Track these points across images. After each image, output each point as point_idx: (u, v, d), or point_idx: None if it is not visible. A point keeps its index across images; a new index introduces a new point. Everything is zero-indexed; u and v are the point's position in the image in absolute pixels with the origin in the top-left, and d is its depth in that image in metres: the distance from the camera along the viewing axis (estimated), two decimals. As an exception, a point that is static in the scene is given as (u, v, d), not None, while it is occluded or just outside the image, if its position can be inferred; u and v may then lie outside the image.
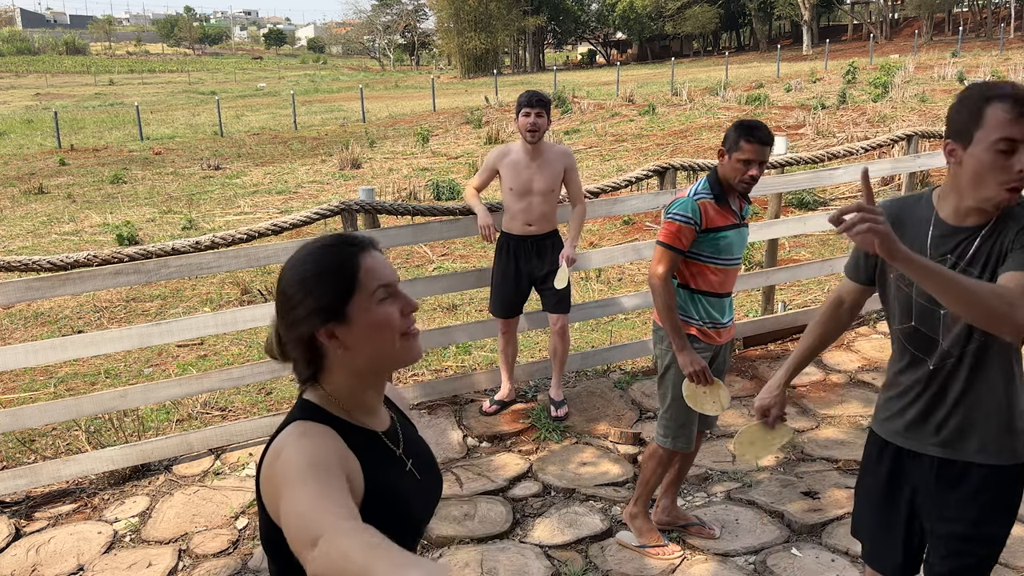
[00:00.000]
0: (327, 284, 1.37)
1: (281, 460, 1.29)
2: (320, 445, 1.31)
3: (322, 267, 1.39)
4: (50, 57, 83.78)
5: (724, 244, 3.17)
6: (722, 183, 3.16)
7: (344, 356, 1.39)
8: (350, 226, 4.40)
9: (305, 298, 1.38)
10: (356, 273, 1.38)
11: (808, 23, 54.30)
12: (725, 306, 3.26)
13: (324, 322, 1.37)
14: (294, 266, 1.42)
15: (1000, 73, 21.22)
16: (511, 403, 4.70)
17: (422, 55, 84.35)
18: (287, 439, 1.33)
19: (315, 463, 1.26)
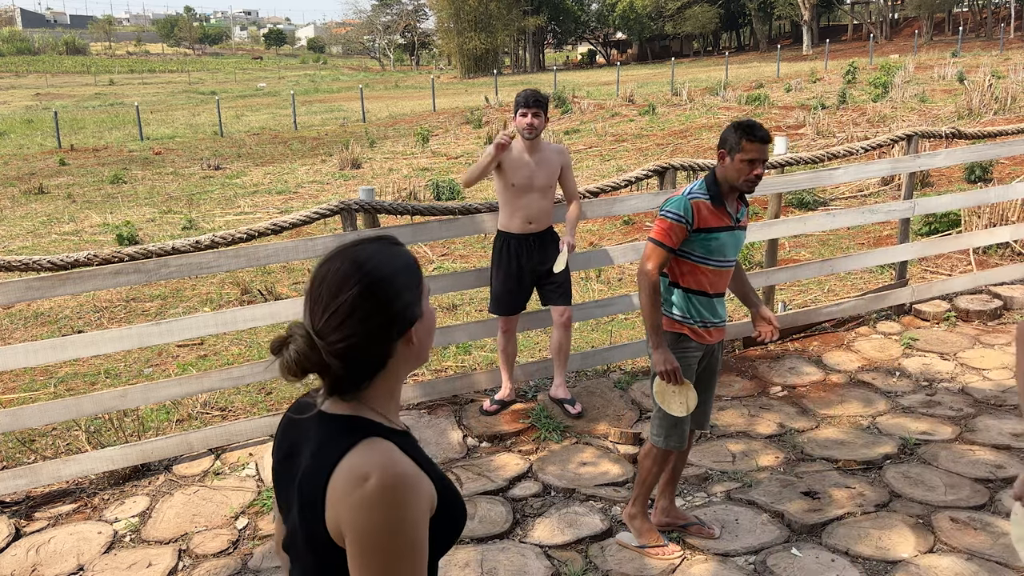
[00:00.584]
0: (415, 278, 1.38)
1: (373, 506, 1.25)
2: (416, 501, 1.28)
3: (408, 260, 1.38)
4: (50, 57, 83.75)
5: (716, 245, 3.16)
6: (720, 184, 3.15)
7: (408, 355, 1.39)
8: (350, 226, 4.40)
9: (406, 291, 1.36)
10: (422, 276, 1.40)
11: (808, 23, 54.29)
12: (716, 306, 3.26)
13: (414, 318, 1.37)
14: (382, 261, 1.36)
15: (1000, 73, 21.22)
16: (511, 403, 4.70)
17: (422, 55, 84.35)
18: (374, 462, 1.28)
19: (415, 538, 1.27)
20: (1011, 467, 3.88)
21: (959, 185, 10.09)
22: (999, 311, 5.85)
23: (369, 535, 1.25)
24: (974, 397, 4.68)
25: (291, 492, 1.38)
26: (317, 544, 1.33)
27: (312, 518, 1.31)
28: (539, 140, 4.39)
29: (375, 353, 1.35)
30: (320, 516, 1.30)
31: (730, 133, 3.11)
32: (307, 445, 1.38)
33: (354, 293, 1.32)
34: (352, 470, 1.27)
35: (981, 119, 14.65)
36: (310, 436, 1.38)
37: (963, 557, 3.23)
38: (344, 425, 1.34)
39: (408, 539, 1.26)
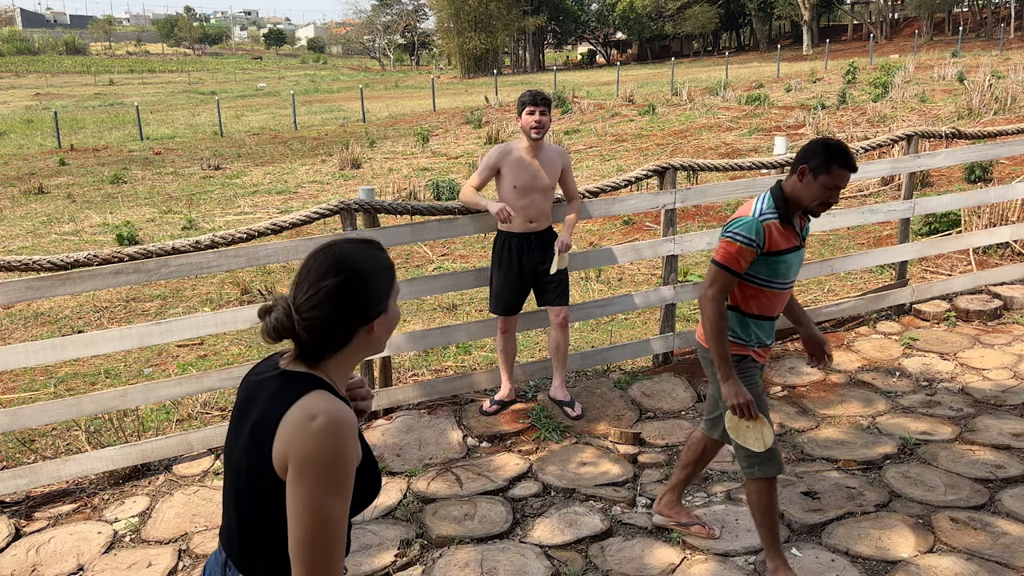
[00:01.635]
0: (388, 279, 1.62)
1: (318, 438, 1.48)
2: (346, 444, 1.51)
3: (386, 264, 1.63)
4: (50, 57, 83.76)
5: (783, 268, 2.97)
6: (789, 201, 2.93)
7: (367, 342, 1.62)
8: (350, 226, 4.40)
9: (378, 288, 1.60)
10: (394, 275, 1.64)
11: (808, 23, 54.29)
12: (772, 328, 3.10)
13: (380, 313, 1.60)
14: (363, 260, 1.60)
15: (1000, 73, 21.22)
16: (511, 403, 4.70)
17: (422, 55, 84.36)
18: (322, 407, 1.51)
19: (347, 475, 1.51)
20: (1011, 467, 3.88)
21: (959, 185, 10.09)
22: (999, 311, 5.85)
23: (310, 463, 1.48)
24: (974, 397, 4.68)
25: (240, 437, 1.61)
26: (259, 477, 1.55)
27: (260, 452, 1.54)
28: (542, 141, 4.39)
29: (340, 334, 1.58)
30: (268, 448, 1.52)
31: (819, 151, 2.85)
32: (264, 394, 1.59)
33: (335, 281, 1.55)
34: (304, 410, 1.51)
35: (981, 119, 14.65)
36: (267, 388, 1.60)
37: (963, 557, 3.23)
38: (300, 378, 1.57)
39: (340, 474, 1.50)
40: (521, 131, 4.39)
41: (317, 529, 1.50)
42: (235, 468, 1.62)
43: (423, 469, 4.11)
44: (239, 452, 1.61)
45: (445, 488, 3.92)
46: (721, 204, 9.92)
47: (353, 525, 3.47)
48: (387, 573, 3.32)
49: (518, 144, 4.41)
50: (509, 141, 4.50)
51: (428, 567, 3.34)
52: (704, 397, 4.84)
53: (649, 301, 5.28)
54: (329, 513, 1.50)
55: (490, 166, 4.44)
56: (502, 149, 4.44)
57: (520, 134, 4.43)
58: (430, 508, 3.74)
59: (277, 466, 1.53)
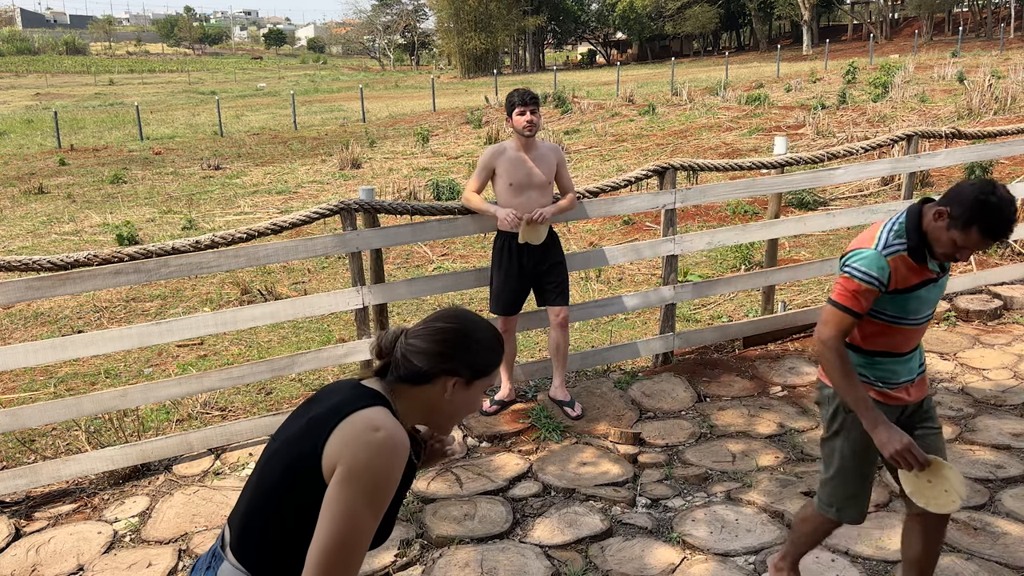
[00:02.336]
0: (487, 360, 1.74)
1: (374, 450, 1.55)
2: (398, 467, 1.58)
3: (494, 354, 1.77)
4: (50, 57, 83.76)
5: (914, 304, 2.54)
6: (925, 236, 2.50)
7: (440, 399, 1.71)
8: (350, 226, 4.40)
9: (476, 356, 1.73)
10: (494, 371, 1.78)
11: (808, 23, 54.28)
12: (911, 361, 2.67)
13: (458, 375, 1.70)
14: (482, 329, 1.76)
15: (1000, 73, 21.22)
16: (511, 403, 4.70)
17: (422, 55, 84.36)
18: (387, 424, 1.58)
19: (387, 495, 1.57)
20: (1011, 467, 3.88)
21: (959, 185, 10.07)
22: (999, 311, 5.85)
23: (360, 471, 1.53)
24: (974, 397, 4.68)
25: (292, 426, 1.69)
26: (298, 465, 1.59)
27: (311, 442, 1.59)
28: (534, 139, 4.40)
29: (427, 369, 1.69)
30: (321, 442, 1.58)
31: (967, 202, 2.38)
32: (334, 396, 1.68)
33: (447, 326, 1.72)
34: (369, 420, 1.59)
35: (981, 119, 14.65)
36: (338, 392, 1.69)
37: (963, 557, 3.23)
38: (373, 393, 1.68)
39: (383, 492, 1.55)
40: (513, 131, 4.41)
41: (346, 538, 1.53)
42: (274, 449, 1.67)
43: (423, 469, 4.11)
44: (285, 436, 1.67)
45: (445, 488, 3.92)
46: (721, 204, 9.93)
47: None
48: (387, 573, 3.32)
49: (511, 143, 4.42)
50: (503, 141, 4.50)
51: (428, 567, 3.34)
52: (704, 397, 4.85)
53: (649, 301, 5.28)
54: (361, 525, 1.54)
55: (485, 167, 4.46)
56: (495, 149, 4.44)
57: (514, 135, 4.44)
58: (430, 508, 3.74)
59: (325, 464, 1.57)
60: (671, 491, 3.85)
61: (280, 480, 1.61)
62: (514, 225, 4.35)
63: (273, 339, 6.50)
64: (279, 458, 1.64)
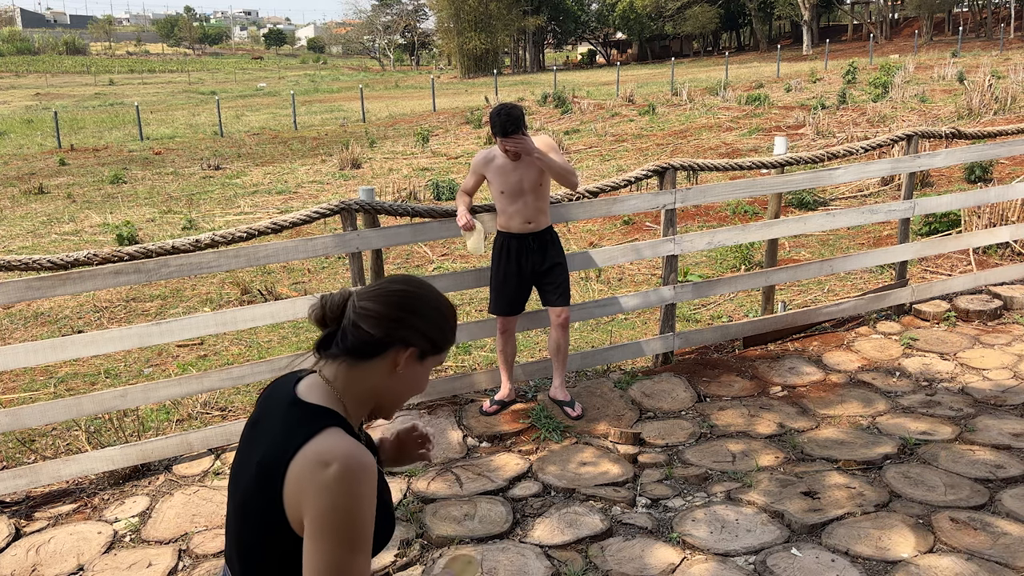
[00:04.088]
0: (442, 331, 1.58)
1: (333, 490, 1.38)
2: (366, 493, 1.41)
3: (449, 318, 1.61)
4: (50, 57, 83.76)
5: None
6: None
7: (389, 376, 1.55)
8: (350, 226, 4.40)
9: (430, 325, 1.56)
10: (448, 346, 1.62)
11: (808, 23, 54.27)
12: None
13: (413, 346, 1.54)
14: (438, 298, 1.60)
15: (1000, 73, 21.22)
16: (511, 403, 4.70)
17: (422, 55, 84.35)
18: (336, 451, 1.41)
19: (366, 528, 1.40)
20: (1011, 467, 3.88)
21: (959, 185, 10.09)
22: (999, 311, 5.85)
23: (327, 520, 1.37)
24: (974, 397, 4.68)
25: (247, 467, 1.51)
26: (267, 522, 1.44)
27: (268, 495, 1.43)
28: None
29: (379, 338, 1.51)
30: (278, 494, 1.42)
31: None
32: (275, 425, 1.49)
33: (403, 289, 1.56)
34: (317, 455, 1.40)
35: (981, 119, 14.65)
36: (279, 418, 1.50)
37: (963, 557, 3.23)
38: (313, 413, 1.47)
39: (359, 529, 1.39)
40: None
41: None
42: (240, 501, 1.51)
43: (423, 469, 4.11)
44: (245, 484, 1.50)
45: (445, 488, 3.92)
46: (721, 204, 9.93)
47: None
48: (387, 573, 3.32)
49: (500, 150, 4.36)
50: (492, 147, 4.42)
51: (428, 567, 3.34)
52: (704, 397, 4.85)
53: (649, 301, 5.28)
54: (349, 569, 1.39)
55: (475, 172, 4.47)
56: (484, 156, 4.40)
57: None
58: (430, 508, 3.74)
59: (290, 515, 1.42)
60: (671, 491, 3.85)
61: (255, 540, 1.49)
62: (467, 228, 4.42)
63: (273, 339, 6.50)
64: (246, 518, 1.50)
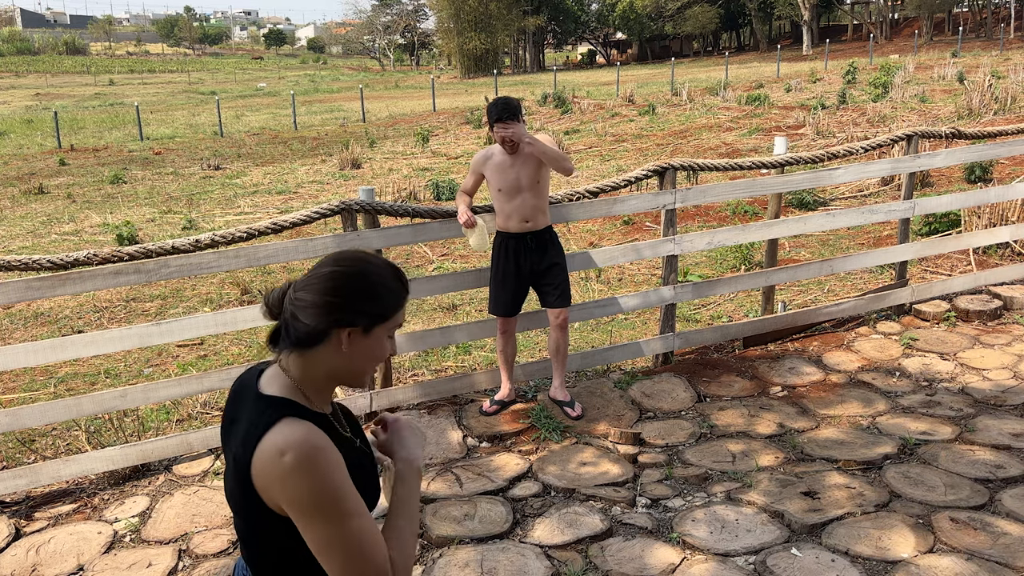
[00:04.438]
0: (378, 300, 1.55)
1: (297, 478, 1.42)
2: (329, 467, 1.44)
3: (384, 284, 1.57)
4: (50, 57, 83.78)
5: None
6: None
7: (337, 355, 1.54)
8: (350, 226, 4.41)
9: (353, 297, 1.53)
10: (397, 310, 1.59)
11: (808, 23, 54.27)
12: None
13: (351, 324, 1.53)
14: (360, 264, 1.57)
15: (1000, 73, 21.22)
16: (511, 403, 4.70)
17: (422, 55, 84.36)
18: (290, 440, 1.44)
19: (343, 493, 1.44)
20: (1011, 467, 3.88)
21: (959, 185, 10.09)
22: (999, 311, 5.85)
23: (300, 502, 1.43)
24: (974, 397, 4.68)
25: (227, 460, 1.58)
26: (249, 508, 1.51)
27: (245, 488, 1.49)
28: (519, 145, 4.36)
29: (317, 325, 1.52)
30: (251, 487, 1.48)
31: None
32: (243, 418, 1.55)
33: (331, 270, 1.54)
34: (273, 446, 1.45)
35: (981, 119, 14.65)
36: (245, 413, 1.55)
37: (963, 557, 3.23)
38: (271, 404, 1.52)
39: (336, 498, 1.43)
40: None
41: (350, 558, 1.44)
42: (229, 497, 1.58)
43: (423, 469, 4.11)
44: (229, 481, 1.56)
45: (445, 488, 3.92)
46: (721, 204, 9.93)
47: None
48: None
49: (499, 148, 4.37)
50: (490, 146, 4.46)
51: (428, 567, 3.34)
52: (704, 397, 4.85)
53: (649, 301, 5.28)
54: (350, 538, 1.44)
55: (473, 171, 4.50)
56: (482, 155, 4.44)
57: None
58: (430, 508, 3.74)
59: (269, 503, 1.48)
60: (671, 491, 3.85)
61: (248, 531, 1.56)
62: (467, 225, 4.42)
63: (273, 339, 6.49)
64: (237, 512, 1.56)
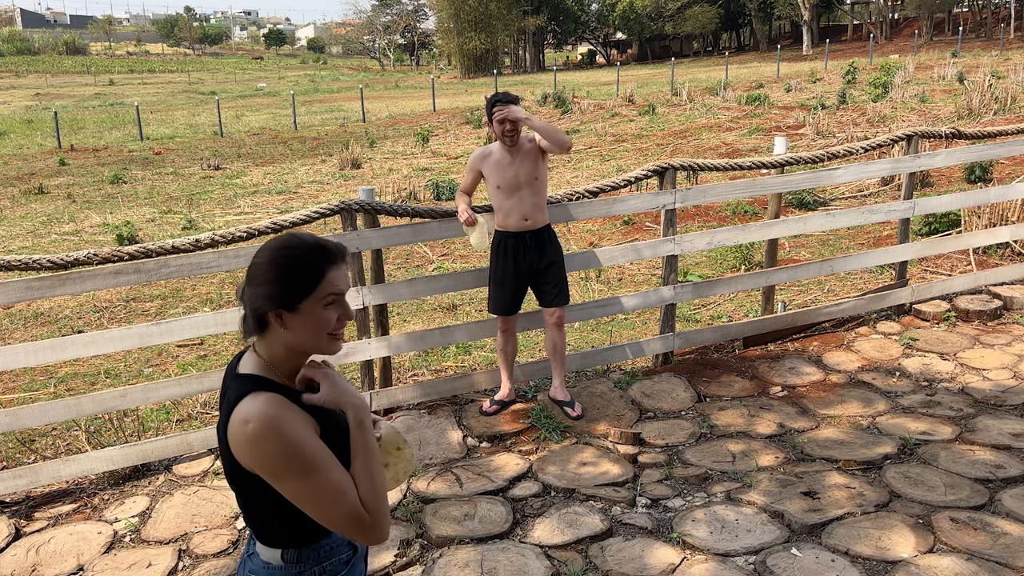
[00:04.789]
0: (292, 280, 1.65)
1: (260, 444, 1.57)
2: (295, 427, 1.59)
3: (294, 265, 1.66)
4: (50, 57, 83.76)
5: None
6: None
7: (284, 333, 1.68)
8: (350, 226, 4.41)
9: (269, 282, 1.65)
10: (319, 281, 1.66)
11: (808, 23, 54.27)
12: None
13: (276, 307, 1.65)
14: (272, 251, 1.67)
15: (1000, 73, 21.21)
16: (511, 403, 4.70)
17: (422, 55, 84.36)
18: (252, 409, 1.59)
19: (309, 451, 1.58)
20: (1011, 467, 3.88)
21: (959, 185, 10.09)
22: (999, 311, 5.85)
23: (267, 465, 1.58)
24: (974, 397, 4.68)
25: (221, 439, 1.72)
26: (234, 474, 1.67)
27: (228, 455, 1.66)
28: (518, 138, 4.37)
29: (256, 313, 1.67)
30: (230, 453, 1.64)
31: None
32: (226, 396, 1.71)
33: (255, 263, 1.68)
34: (238, 417, 1.60)
35: (981, 119, 14.65)
36: (228, 390, 1.72)
37: (963, 557, 3.23)
38: (244, 381, 1.67)
39: (297, 456, 1.57)
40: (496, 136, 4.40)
41: (328, 507, 1.59)
42: (225, 468, 1.73)
43: (423, 469, 4.11)
44: (223, 451, 1.70)
45: (445, 488, 3.92)
46: (721, 204, 9.93)
47: None
48: (387, 573, 3.32)
49: (497, 146, 4.41)
50: (489, 145, 4.49)
51: (428, 567, 3.34)
52: (704, 397, 4.85)
53: (649, 301, 5.28)
54: (319, 489, 1.58)
55: (471, 169, 4.51)
56: (481, 153, 4.47)
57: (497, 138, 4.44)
58: (430, 508, 3.74)
59: (247, 468, 1.63)
60: (671, 491, 3.85)
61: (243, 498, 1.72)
62: (468, 223, 4.41)
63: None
64: (233, 483, 1.71)
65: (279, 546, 1.74)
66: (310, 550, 1.75)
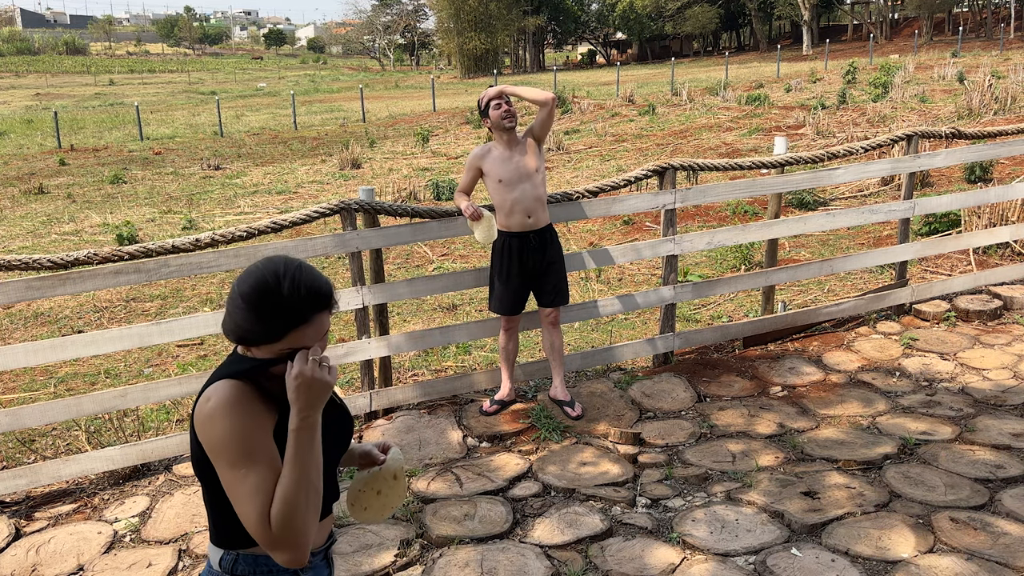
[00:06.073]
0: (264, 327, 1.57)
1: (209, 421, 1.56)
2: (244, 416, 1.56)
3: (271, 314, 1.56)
4: (50, 57, 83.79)
5: None
6: None
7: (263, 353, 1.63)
8: (350, 226, 4.41)
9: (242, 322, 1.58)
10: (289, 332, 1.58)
11: (808, 23, 54.28)
12: None
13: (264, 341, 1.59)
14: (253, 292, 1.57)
15: (1000, 73, 21.21)
16: (511, 403, 4.70)
17: (422, 55, 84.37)
18: (218, 390, 1.59)
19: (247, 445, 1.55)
20: (1011, 467, 3.88)
21: (959, 185, 10.09)
22: (999, 311, 5.85)
23: (211, 444, 1.57)
24: (974, 397, 4.68)
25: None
26: (200, 461, 1.65)
27: (194, 439, 1.65)
28: (515, 132, 4.42)
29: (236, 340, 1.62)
30: (196, 436, 1.63)
31: None
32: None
33: (231, 296, 1.61)
34: (204, 396, 1.60)
35: (981, 119, 14.65)
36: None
37: (963, 557, 3.23)
38: (230, 362, 1.66)
39: (239, 446, 1.55)
40: (494, 130, 4.41)
41: (242, 506, 1.54)
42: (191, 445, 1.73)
43: (423, 469, 4.11)
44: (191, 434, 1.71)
45: (445, 488, 3.92)
46: (721, 204, 9.93)
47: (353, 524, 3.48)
48: (387, 573, 3.32)
49: (495, 144, 4.44)
50: (487, 143, 4.51)
51: (428, 567, 3.34)
52: (704, 397, 4.85)
53: (649, 301, 5.28)
54: (242, 486, 1.53)
55: (471, 168, 4.51)
56: (481, 151, 4.48)
57: (495, 134, 4.45)
58: (430, 508, 3.74)
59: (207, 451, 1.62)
60: (671, 491, 3.85)
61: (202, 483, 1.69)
62: (473, 217, 4.39)
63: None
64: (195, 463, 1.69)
65: (222, 547, 1.70)
66: (247, 558, 1.68)
